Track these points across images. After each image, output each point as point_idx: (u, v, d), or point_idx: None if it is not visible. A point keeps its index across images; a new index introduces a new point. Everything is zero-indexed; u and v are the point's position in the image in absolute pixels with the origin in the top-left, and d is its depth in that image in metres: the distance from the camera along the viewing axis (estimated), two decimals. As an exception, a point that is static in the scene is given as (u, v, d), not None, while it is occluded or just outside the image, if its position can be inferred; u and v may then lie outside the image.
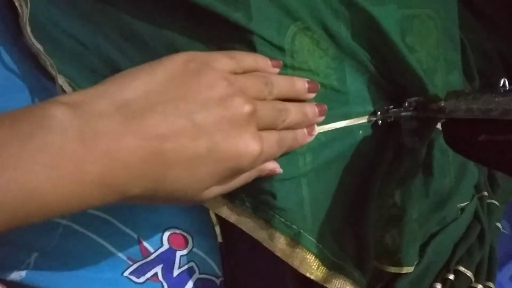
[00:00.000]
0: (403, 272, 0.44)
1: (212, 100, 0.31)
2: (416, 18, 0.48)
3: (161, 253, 0.42)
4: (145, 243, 0.41)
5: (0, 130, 0.25)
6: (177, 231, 0.43)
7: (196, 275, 0.44)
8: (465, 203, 0.52)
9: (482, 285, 0.48)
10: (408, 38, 0.46)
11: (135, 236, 0.41)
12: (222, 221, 0.44)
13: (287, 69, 0.38)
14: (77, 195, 0.26)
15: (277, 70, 0.37)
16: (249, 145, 0.32)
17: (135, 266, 0.41)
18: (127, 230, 0.41)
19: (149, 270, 0.42)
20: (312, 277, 0.39)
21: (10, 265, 0.37)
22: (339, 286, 0.40)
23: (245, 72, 0.35)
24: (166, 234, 0.42)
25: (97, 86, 0.29)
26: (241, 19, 0.36)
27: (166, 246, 0.42)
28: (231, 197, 0.39)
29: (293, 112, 0.36)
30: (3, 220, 0.24)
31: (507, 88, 0.36)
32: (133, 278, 0.41)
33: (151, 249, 0.42)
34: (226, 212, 0.40)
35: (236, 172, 0.33)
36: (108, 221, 0.40)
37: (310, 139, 0.39)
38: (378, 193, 0.44)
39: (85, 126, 0.26)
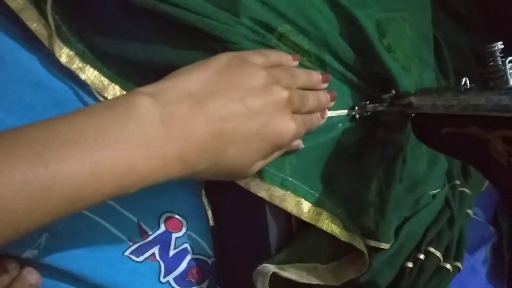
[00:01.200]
0: (381, 247, 0.48)
1: (257, 87, 0.36)
2: (393, 21, 0.51)
3: (158, 235, 0.45)
4: (144, 226, 0.45)
5: (100, 118, 0.30)
6: (173, 215, 0.46)
7: (190, 255, 0.47)
8: (436, 190, 0.56)
9: (450, 264, 0.51)
10: (385, 39, 0.50)
11: (135, 219, 0.44)
12: (214, 206, 0.48)
13: None
14: (162, 169, 0.31)
15: (297, 63, 0.43)
16: (289, 124, 0.38)
17: (134, 246, 0.44)
18: (128, 214, 0.44)
19: (148, 250, 0.45)
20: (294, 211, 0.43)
21: (24, 244, 0.40)
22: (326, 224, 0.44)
23: (272, 66, 0.40)
24: (163, 218, 0.45)
25: (164, 80, 0.35)
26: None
27: (163, 228, 0.45)
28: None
29: (312, 99, 0.41)
30: (111, 190, 0.29)
31: (468, 87, 0.40)
32: (133, 257, 0.44)
33: (149, 231, 0.45)
34: None
35: (277, 148, 0.39)
36: (111, 205, 0.43)
37: (323, 121, 0.44)
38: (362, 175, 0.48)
39: (164, 111, 0.32)
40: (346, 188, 0.47)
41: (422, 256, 0.51)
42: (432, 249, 0.52)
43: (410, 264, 0.50)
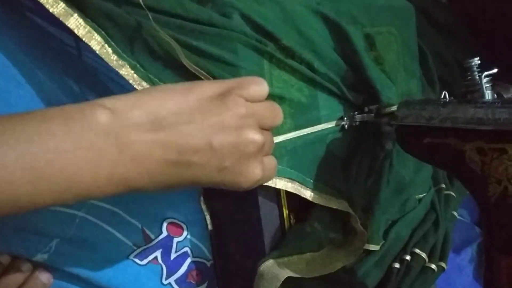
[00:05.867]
0: (370, 249, 0.51)
1: (230, 127, 0.34)
2: (379, 34, 0.53)
3: (161, 239, 0.48)
4: (147, 231, 0.47)
5: (52, 124, 0.29)
6: (175, 221, 0.48)
7: (190, 259, 0.50)
8: (422, 195, 0.59)
9: (435, 264, 0.54)
10: (372, 52, 0.52)
11: (139, 225, 0.47)
12: (212, 211, 0.51)
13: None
14: (105, 188, 0.30)
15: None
16: (254, 171, 0.36)
17: (138, 250, 0.47)
18: (133, 220, 0.46)
19: (151, 254, 0.47)
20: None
21: (35, 249, 0.42)
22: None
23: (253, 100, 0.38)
24: (165, 223, 0.48)
25: (135, 94, 0.33)
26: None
27: (165, 233, 0.48)
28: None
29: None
30: (50, 200, 0.29)
31: (447, 100, 0.43)
32: (137, 260, 0.47)
33: (152, 236, 0.47)
34: None
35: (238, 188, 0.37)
36: (117, 213, 0.45)
37: None
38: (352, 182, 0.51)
39: (121, 133, 0.30)
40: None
41: (408, 257, 0.53)
42: (417, 251, 0.54)
43: (397, 265, 0.52)
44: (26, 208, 0.28)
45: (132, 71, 0.40)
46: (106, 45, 0.40)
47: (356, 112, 0.50)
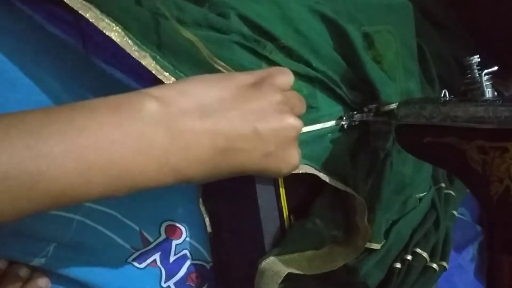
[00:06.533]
0: (372, 247, 0.50)
1: (271, 113, 0.35)
2: (378, 33, 0.53)
3: (159, 242, 0.47)
4: (145, 234, 0.47)
5: (101, 115, 0.29)
6: (173, 223, 0.48)
7: (189, 261, 0.49)
8: (423, 194, 0.58)
9: (436, 264, 0.54)
10: (371, 51, 0.52)
11: (137, 228, 0.46)
12: (210, 213, 0.51)
13: None
14: (156, 177, 0.31)
15: None
16: (294, 157, 0.38)
17: (137, 253, 0.46)
18: (130, 223, 0.46)
19: (149, 257, 0.47)
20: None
21: (32, 253, 0.42)
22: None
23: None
24: (164, 226, 0.47)
25: (178, 83, 0.34)
26: None
27: (163, 236, 0.47)
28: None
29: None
30: (98, 192, 0.28)
31: (447, 98, 0.43)
32: (136, 264, 0.47)
33: (150, 239, 0.47)
34: None
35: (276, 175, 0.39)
36: (115, 216, 0.45)
37: None
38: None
39: (171, 121, 0.31)
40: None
41: (409, 257, 0.53)
42: (419, 250, 0.54)
43: (398, 265, 0.52)
44: (78, 200, 0.28)
45: (154, 62, 0.40)
46: (126, 37, 0.40)
47: (355, 112, 0.50)
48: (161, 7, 0.40)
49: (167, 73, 0.40)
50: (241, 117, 0.34)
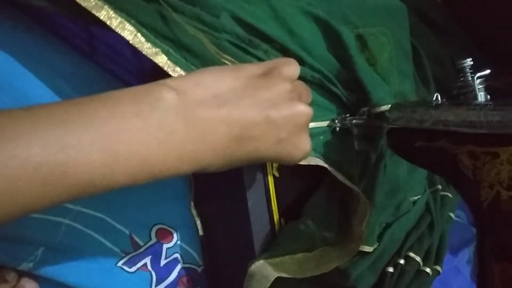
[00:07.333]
0: (364, 250, 0.50)
1: (282, 100, 0.36)
2: (371, 35, 0.53)
3: (150, 246, 0.47)
4: (136, 238, 0.46)
5: (124, 107, 0.30)
6: (164, 227, 0.48)
7: (180, 265, 0.49)
8: (417, 197, 0.58)
9: (429, 268, 0.54)
10: (365, 53, 0.52)
11: (127, 232, 0.46)
12: (202, 216, 0.50)
13: None
14: (176, 166, 0.32)
15: None
16: (306, 143, 0.39)
17: (127, 257, 0.46)
18: (120, 227, 0.46)
19: (140, 261, 0.47)
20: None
21: (20, 257, 0.42)
22: None
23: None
24: (154, 229, 0.47)
25: (192, 74, 0.35)
26: None
27: (154, 240, 0.47)
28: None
29: None
30: (122, 181, 0.30)
31: (439, 102, 0.42)
32: (126, 268, 0.46)
33: (141, 243, 0.47)
34: None
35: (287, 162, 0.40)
36: (104, 219, 0.44)
37: None
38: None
39: (188, 110, 0.32)
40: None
41: (402, 261, 0.53)
42: (412, 254, 0.53)
43: (390, 269, 0.52)
44: (103, 189, 0.29)
45: (166, 57, 0.41)
46: (138, 34, 0.40)
47: (347, 115, 0.50)
48: (163, 4, 0.40)
49: (179, 68, 0.41)
50: (253, 105, 0.35)
